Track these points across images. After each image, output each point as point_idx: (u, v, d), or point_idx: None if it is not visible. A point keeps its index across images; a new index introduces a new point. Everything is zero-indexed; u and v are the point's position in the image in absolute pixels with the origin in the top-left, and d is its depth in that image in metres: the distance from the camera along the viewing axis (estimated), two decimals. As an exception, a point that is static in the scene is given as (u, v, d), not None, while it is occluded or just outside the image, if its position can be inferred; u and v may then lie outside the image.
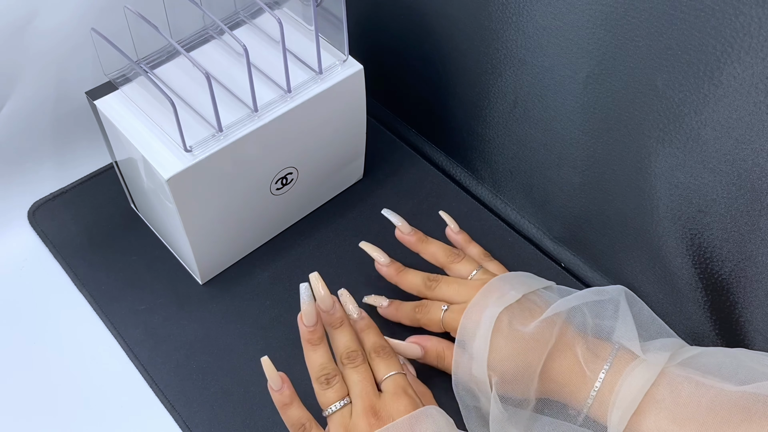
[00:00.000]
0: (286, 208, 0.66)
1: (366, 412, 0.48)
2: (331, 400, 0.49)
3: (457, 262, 0.59)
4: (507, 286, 0.55)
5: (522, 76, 0.59)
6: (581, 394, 0.51)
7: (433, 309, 0.57)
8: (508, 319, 0.53)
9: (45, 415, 0.58)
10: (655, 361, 0.50)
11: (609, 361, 0.50)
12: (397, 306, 0.60)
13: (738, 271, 0.51)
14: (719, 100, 0.45)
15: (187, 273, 0.65)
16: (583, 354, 0.51)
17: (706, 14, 0.43)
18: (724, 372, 0.48)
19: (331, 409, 0.49)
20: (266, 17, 0.62)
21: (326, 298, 0.51)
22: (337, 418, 0.49)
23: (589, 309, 0.53)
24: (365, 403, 0.49)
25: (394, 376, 0.50)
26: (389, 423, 0.47)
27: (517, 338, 0.52)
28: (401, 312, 0.59)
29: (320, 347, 0.51)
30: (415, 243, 0.61)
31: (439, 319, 0.57)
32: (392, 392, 0.49)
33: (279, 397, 0.50)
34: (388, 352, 0.52)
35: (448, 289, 0.57)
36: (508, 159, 0.66)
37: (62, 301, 0.64)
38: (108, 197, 0.69)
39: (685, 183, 0.51)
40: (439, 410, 0.50)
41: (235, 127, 0.55)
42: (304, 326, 0.51)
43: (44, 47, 0.62)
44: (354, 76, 0.60)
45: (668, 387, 0.48)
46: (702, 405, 0.47)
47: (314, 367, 0.50)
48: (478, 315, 0.53)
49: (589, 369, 0.51)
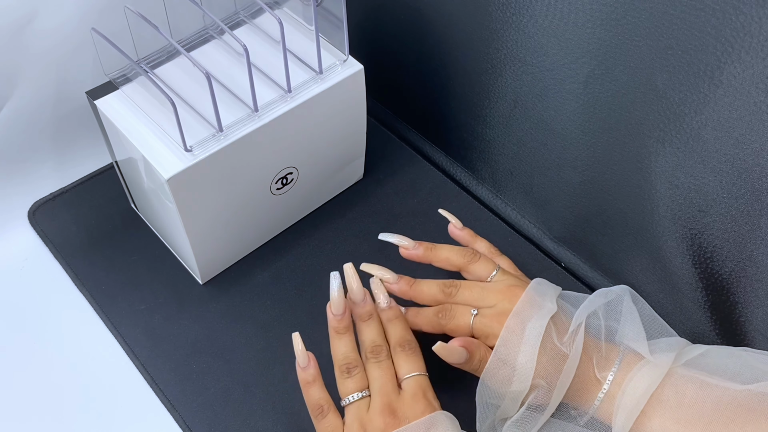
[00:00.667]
0: (286, 208, 0.66)
1: (383, 410, 0.49)
2: (350, 389, 0.50)
3: (474, 263, 0.55)
4: (541, 297, 0.52)
5: (522, 76, 0.59)
6: (590, 396, 0.51)
7: (460, 314, 0.53)
8: (548, 333, 0.51)
9: (45, 415, 0.58)
10: (661, 362, 0.50)
11: (617, 363, 0.50)
12: (416, 312, 0.55)
13: (738, 271, 0.51)
14: (719, 100, 0.45)
15: (187, 273, 0.65)
16: (597, 360, 0.51)
17: (706, 14, 0.43)
18: (729, 372, 0.48)
19: (349, 399, 0.50)
20: (266, 17, 0.62)
21: (358, 291, 0.52)
22: (354, 410, 0.49)
23: (602, 312, 0.53)
24: (383, 400, 0.49)
25: (417, 377, 0.50)
26: (404, 424, 0.48)
27: (559, 354, 0.50)
28: (421, 318, 0.55)
29: (346, 336, 0.51)
30: (424, 254, 0.57)
31: (468, 325, 0.53)
32: (412, 393, 0.50)
33: (304, 375, 0.51)
34: (413, 348, 0.52)
35: (471, 294, 0.54)
36: (508, 159, 0.66)
37: (62, 301, 0.64)
38: (108, 197, 0.69)
39: (685, 183, 0.51)
40: (449, 415, 0.50)
41: (236, 127, 0.55)
42: (332, 315, 0.51)
43: (44, 47, 0.62)
44: (354, 76, 0.60)
45: (673, 388, 0.48)
46: (707, 405, 0.47)
47: (338, 355, 0.51)
48: (520, 327, 0.51)
49: (599, 373, 0.51)
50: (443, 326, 0.54)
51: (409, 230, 0.66)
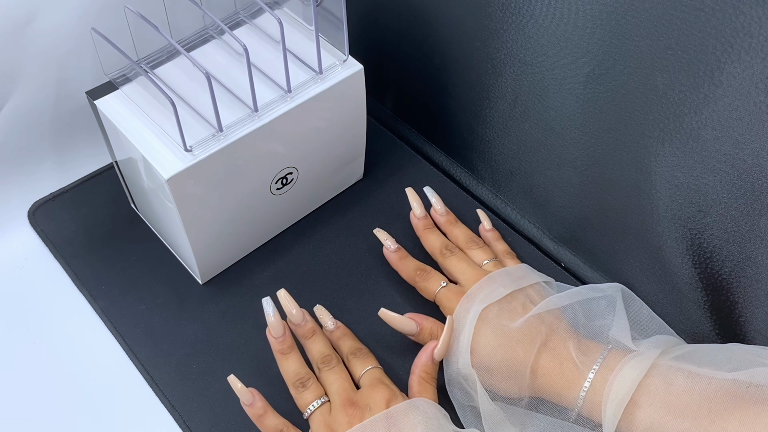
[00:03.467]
0: (286, 208, 0.66)
1: (344, 405, 0.50)
2: (308, 400, 0.51)
3: (423, 281, 0.59)
4: (498, 282, 0.55)
5: (522, 76, 0.59)
6: (572, 392, 0.51)
7: (433, 279, 0.58)
8: (496, 313, 0.53)
9: (45, 415, 0.58)
10: (648, 354, 0.50)
11: (600, 358, 0.51)
12: (402, 256, 0.61)
13: (738, 271, 0.51)
14: (719, 100, 0.45)
15: (187, 273, 0.65)
16: (575, 351, 0.51)
17: (706, 14, 0.43)
18: (717, 362, 0.49)
19: (310, 409, 0.51)
20: (266, 17, 0.62)
21: (297, 314, 0.55)
22: (317, 416, 0.51)
23: (581, 307, 0.54)
24: (343, 397, 0.51)
25: (370, 370, 0.53)
26: (366, 412, 0.49)
27: (503, 332, 0.52)
28: (404, 264, 0.60)
29: (291, 355, 0.54)
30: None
31: (434, 292, 0.58)
32: (369, 384, 0.52)
33: (252, 411, 0.52)
34: (365, 353, 0.54)
35: (458, 265, 0.59)
36: (508, 159, 0.66)
37: (62, 301, 0.64)
38: (108, 197, 0.69)
39: (685, 183, 0.51)
40: (430, 402, 0.50)
41: (236, 127, 0.55)
42: (273, 338, 0.54)
43: (44, 47, 0.62)
44: (354, 76, 0.60)
45: (661, 378, 0.49)
46: (695, 394, 0.47)
47: (288, 374, 0.53)
48: (467, 309, 0.54)
49: (580, 366, 0.51)
50: (416, 283, 0.59)
51: (408, 230, 0.66)
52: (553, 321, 0.53)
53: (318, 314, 0.57)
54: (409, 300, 0.63)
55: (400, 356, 0.59)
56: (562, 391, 0.51)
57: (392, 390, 0.51)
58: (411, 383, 0.53)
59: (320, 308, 0.58)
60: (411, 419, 0.48)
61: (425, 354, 0.53)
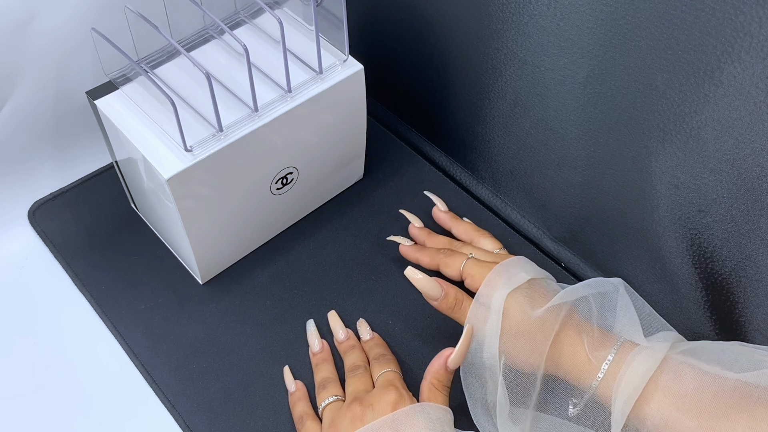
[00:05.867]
0: (286, 208, 0.66)
1: (351, 403, 0.52)
2: (323, 397, 0.55)
3: (448, 258, 0.59)
4: (516, 269, 0.55)
5: (522, 76, 0.59)
6: (586, 381, 0.51)
7: (458, 256, 0.59)
8: (519, 300, 0.53)
9: (45, 415, 0.58)
10: (658, 348, 0.50)
11: (614, 350, 0.51)
12: (420, 247, 0.63)
13: (738, 271, 0.51)
14: (719, 100, 0.45)
15: (187, 273, 0.65)
16: (589, 342, 0.51)
17: (706, 14, 0.43)
18: (725, 361, 0.49)
19: (324, 403, 0.54)
20: (266, 17, 0.62)
21: (343, 333, 0.60)
22: (327, 411, 0.54)
23: (594, 300, 0.54)
24: (353, 396, 0.53)
25: (385, 373, 0.54)
26: (368, 410, 0.51)
27: (527, 320, 0.52)
28: (424, 251, 0.61)
29: (324, 365, 0.58)
30: (449, 220, 0.65)
31: (459, 267, 0.57)
32: (380, 386, 0.53)
33: (291, 398, 0.57)
34: (387, 359, 0.57)
35: (479, 251, 0.61)
36: (508, 159, 0.66)
37: (62, 300, 0.64)
38: (108, 197, 0.69)
39: (685, 183, 0.51)
40: (436, 406, 0.51)
41: (236, 126, 0.55)
42: (312, 352, 0.60)
43: (44, 47, 0.62)
44: (354, 76, 0.60)
45: (671, 373, 0.49)
46: (704, 392, 0.47)
47: (318, 378, 0.58)
48: (489, 297, 0.54)
49: (593, 357, 0.51)
50: (440, 260, 0.60)
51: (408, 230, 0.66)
52: (569, 311, 0.53)
53: (358, 326, 0.61)
54: (410, 300, 0.63)
55: (400, 356, 0.59)
56: (578, 378, 0.52)
57: (401, 393, 0.51)
58: (422, 388, 0.52)
59: (362, 322, 0.61)
60: (413, 423, 0.49)
61: (438, 361, 0.52)
